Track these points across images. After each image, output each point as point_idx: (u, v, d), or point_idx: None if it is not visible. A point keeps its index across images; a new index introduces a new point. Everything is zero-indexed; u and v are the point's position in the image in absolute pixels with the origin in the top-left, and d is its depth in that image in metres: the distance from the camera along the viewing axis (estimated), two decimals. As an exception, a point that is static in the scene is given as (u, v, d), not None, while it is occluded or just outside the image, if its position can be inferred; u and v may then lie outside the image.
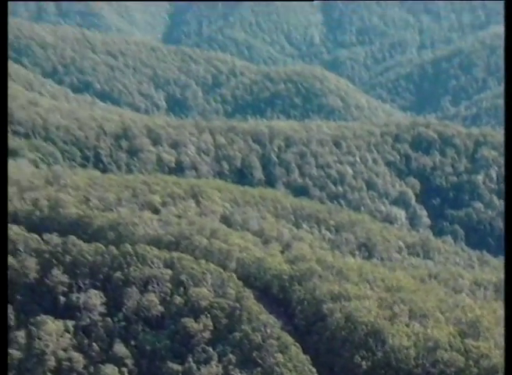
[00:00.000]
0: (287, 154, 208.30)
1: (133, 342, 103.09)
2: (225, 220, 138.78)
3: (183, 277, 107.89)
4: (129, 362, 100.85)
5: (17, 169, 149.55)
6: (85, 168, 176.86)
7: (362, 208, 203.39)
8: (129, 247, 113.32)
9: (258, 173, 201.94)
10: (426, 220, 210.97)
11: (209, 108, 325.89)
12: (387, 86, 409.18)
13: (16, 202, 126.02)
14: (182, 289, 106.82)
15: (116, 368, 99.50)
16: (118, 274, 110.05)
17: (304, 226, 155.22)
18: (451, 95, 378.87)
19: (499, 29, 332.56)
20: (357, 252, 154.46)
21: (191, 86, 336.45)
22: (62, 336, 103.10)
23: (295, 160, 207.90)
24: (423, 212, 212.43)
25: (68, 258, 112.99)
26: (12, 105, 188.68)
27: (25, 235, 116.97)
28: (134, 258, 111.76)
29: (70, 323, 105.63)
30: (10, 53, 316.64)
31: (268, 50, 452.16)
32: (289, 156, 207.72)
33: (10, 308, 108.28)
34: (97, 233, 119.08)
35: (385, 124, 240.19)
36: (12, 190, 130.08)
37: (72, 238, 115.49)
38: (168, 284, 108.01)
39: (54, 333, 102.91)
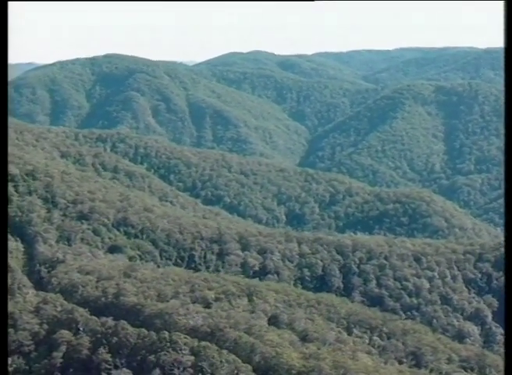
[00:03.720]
0: (367, 265, 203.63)
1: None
2: (274, 319, 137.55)
3: (204, 364, 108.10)
4: None
5: (107, 261, 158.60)
6: (179, 266, 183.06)
7: (435, 320, 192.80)
8: (166, 334, 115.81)
9: (337, 281, 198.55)
10: (501, 338, 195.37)
11: (323, 222, 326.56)
12: (499, 211, 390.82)
13: (89, 289, 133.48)
14: (200, 374, 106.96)
15: None
16: (151, 357, 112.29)
17: (355, 331, 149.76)
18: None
19: None
20: (404, 360, 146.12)
21: (310, 203, 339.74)
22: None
23: (374, 271, 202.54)
24: (499, 330, 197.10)
25: (115, 339, 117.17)
26: (130, 210, 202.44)
27: (87, 317, 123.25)
28: (168, 344, 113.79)
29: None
30: (161, 171, 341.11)
31: (391, 174, 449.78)
32: (368, 267, 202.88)
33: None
34: (146, 320, 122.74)
35: (470, 244, 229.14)
36: (91, 278, 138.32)
37: (123, 323, 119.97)
38: (190, 369, 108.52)
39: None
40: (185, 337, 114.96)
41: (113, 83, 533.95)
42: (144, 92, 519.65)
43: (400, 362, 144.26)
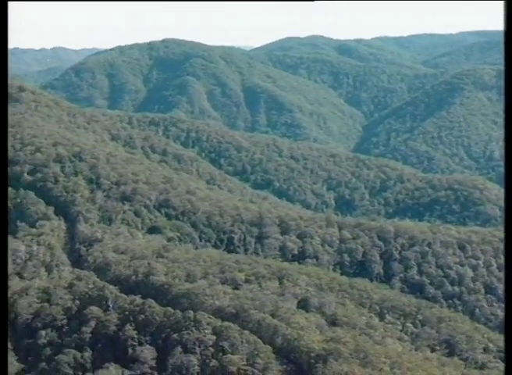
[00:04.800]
0: (408, 252, 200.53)
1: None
2: (303, 302, 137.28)
3: (224, 344, 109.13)
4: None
5: (144, 241, 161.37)
6: (218, 249, 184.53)
7: (477, 310, 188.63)
8: (191, 313, 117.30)
9: (377, 267, 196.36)
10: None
11: (372, 208, 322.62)
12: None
13: (121, 267, 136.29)
14: (220, 354, 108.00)
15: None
16: (175, 335, 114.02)
17: (388, 317, 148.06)
18: None
19: None
20: (437, 348, 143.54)
21: (360, 188, 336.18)
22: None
23: (415, 258, 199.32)
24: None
25: (141, 317, 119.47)
26: (172, 192, 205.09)
27: (117, 295, 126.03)
28: (192, 323, 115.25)
29: (126, 372, 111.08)
30: (212, 155, 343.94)
31: (447, 161, 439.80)
32: (410, 254, 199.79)
33: (90, 353, 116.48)
34: (173, 299, 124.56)
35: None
36: (124, 257, 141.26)
37: (151, 301, 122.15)
38: (211, 348, 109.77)
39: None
40: (209, 317, 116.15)
41: (170, 67, 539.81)
42: (199, 77, 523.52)
43: (433, 350, 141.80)
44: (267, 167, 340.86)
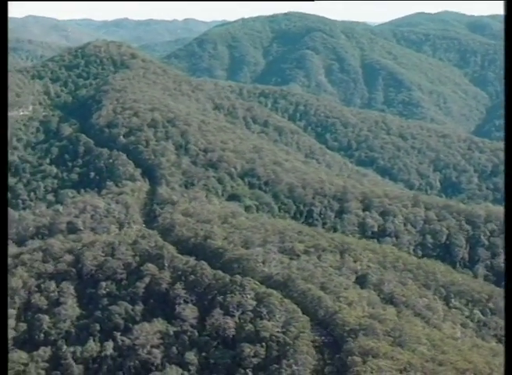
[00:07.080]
0: (498, 238, 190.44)
1: (204, 354, 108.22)
2: (362, 278, 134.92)
3: (263, 310, 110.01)
4: (192, 369, 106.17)
5: (219, 207, 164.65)
6: (297, 220, 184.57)
7: None
8: (238, 278, 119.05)
9: (462, 252, 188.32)
10: None
11: (479, 193, 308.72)
12: None
13: (184, 230, 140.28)
14: (258, 319, 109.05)
15: (180, 371, 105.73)
16: (219, 298, 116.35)
17: (454, 301, 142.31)
18: None
19: None
20: (504, 338, 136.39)
21: (469, 171, 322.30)
22: (154, 334, 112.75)
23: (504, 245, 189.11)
24: None
25: (191, 277, 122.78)
26: (258, 162, 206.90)
27: (173, 255, 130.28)
28: (238, 287, 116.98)
29: (169, 327, 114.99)
30: (318, 129, 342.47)
31: None
32: (499, 241, 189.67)
33: (142, 307, 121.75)
34: (226, 263, 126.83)
35: None
36: (190, 220, 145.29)
37: (203, 263, 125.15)
38: (249, 313, 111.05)
39: (152, 331, 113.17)
40: (255, 283, 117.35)
41: (290, 41, 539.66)
42: (318, 51, 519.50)
43: (500, 340, 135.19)
44: (373, 144, 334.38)
